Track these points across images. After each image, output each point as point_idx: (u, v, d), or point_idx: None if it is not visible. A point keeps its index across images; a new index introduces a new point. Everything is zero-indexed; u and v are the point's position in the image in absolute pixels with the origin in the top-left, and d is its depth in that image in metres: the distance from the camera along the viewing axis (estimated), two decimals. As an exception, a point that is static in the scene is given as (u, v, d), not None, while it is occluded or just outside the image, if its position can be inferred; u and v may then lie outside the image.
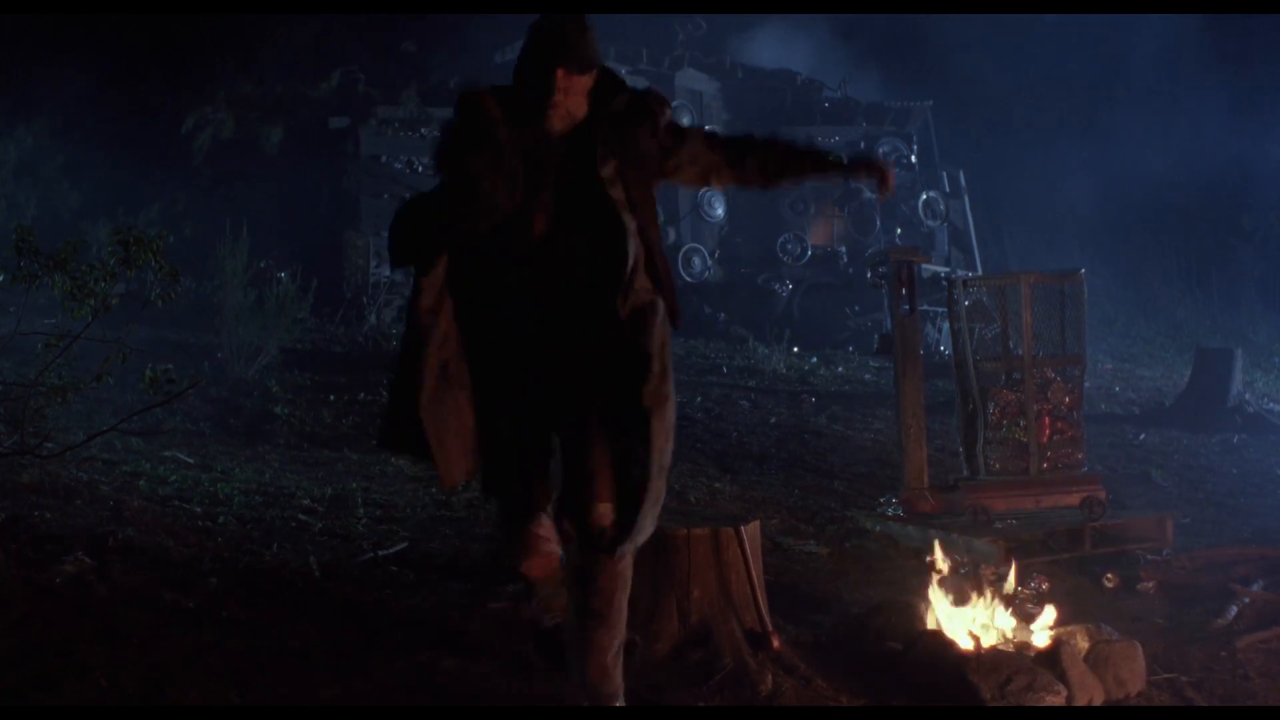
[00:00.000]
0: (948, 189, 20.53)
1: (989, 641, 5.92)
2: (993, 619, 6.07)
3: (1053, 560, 8.04)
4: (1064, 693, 5.34)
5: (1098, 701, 5.45)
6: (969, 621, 6.05)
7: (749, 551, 5.92)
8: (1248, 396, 14.78)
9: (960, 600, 6.17)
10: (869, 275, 9.46)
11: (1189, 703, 5.62)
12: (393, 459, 10.45)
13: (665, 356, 4.61)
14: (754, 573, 5.95)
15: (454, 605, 6.53)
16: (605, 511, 4.61)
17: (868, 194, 20.13)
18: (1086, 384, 9.23)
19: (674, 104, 19.01)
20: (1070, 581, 7.70)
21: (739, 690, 5.39)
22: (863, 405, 14.21)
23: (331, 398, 12.55)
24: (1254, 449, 13.20)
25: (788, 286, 18.77)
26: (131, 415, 9.00)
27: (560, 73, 4.67)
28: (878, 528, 8.67)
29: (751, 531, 5.99)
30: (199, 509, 8.15)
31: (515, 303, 4.67)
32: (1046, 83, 23.45)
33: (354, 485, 9.40)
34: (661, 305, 4.70)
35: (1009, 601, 6.20)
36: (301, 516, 8.33)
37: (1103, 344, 19.03)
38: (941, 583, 6.30)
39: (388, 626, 6.12)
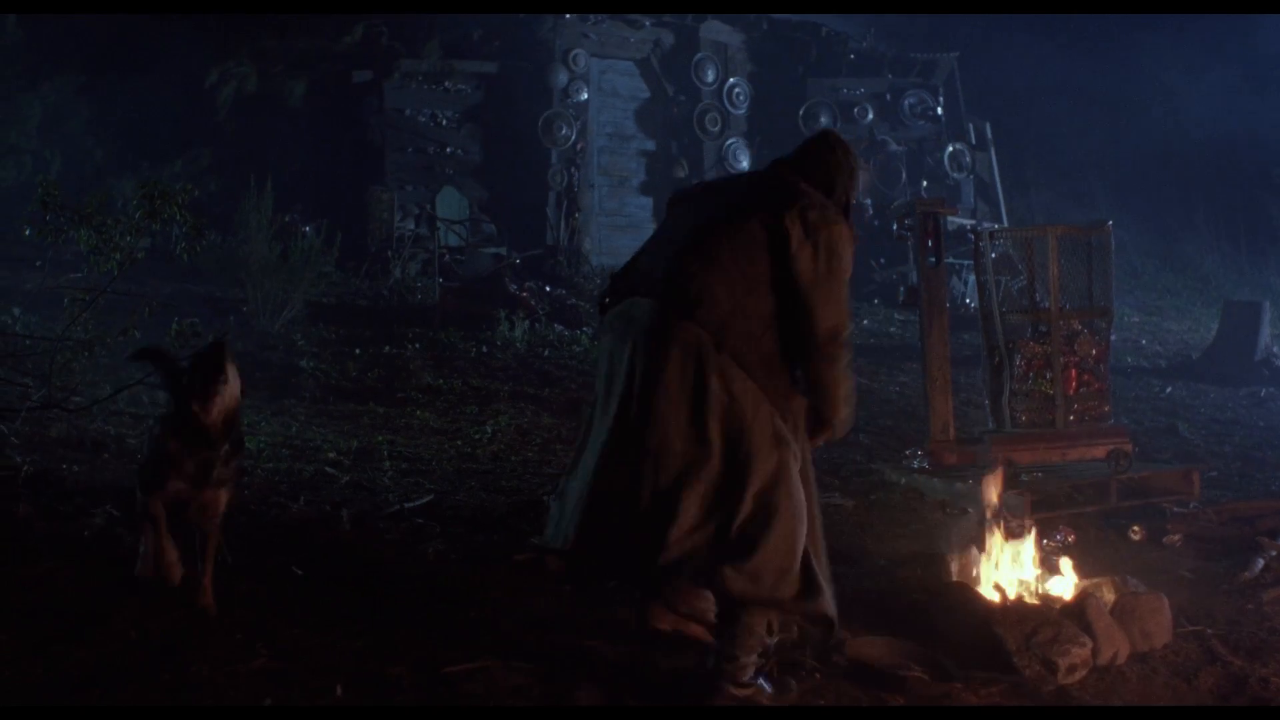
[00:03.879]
0: (974, 141, 20.43)
1: (1015, 594, 5.92)
2: (1019, 571, 6.07)
3: (1079, 513, 8.03)
4: (1090, 645, 5.33)
5: (1123, 654, 5.44)
6: (995, 574, 6.04)
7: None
8: (1276, 349, 14.72)
9: (987, 553, 6.16)
10: (895, 227, 9.41)
11: (1216, 656, 5.61)
12: (418, 412, 10.47)
13: None
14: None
15: (479, 558, 6.55)
16: None
17: (893, 146, 20.06)
18: (1113, 337, 9.19)
19: (699, 56, 19.01)
20: (1096, 534, 7.70)
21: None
22: (888, 358, 14.19)
23: (357, 351, 12.58)
24: (1281, 402, 13.17)
25: (813, 239, 18.69)
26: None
27: None
28: (903, 480, 8.66)
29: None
30: (226, 462, 8.15)
31: None
32: (1074, 35, 23.26)
33: (380, 438, 9.43)
34: None
35: (1035, 554, 6.19)
36: (328, 469, 8.36)
37: (1129, 297, 18.95)
38: (968, 535, 6.29)
39: (414, 579, 6.14)
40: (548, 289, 16.65)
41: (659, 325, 4.76)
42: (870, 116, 20.25)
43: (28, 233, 8.37)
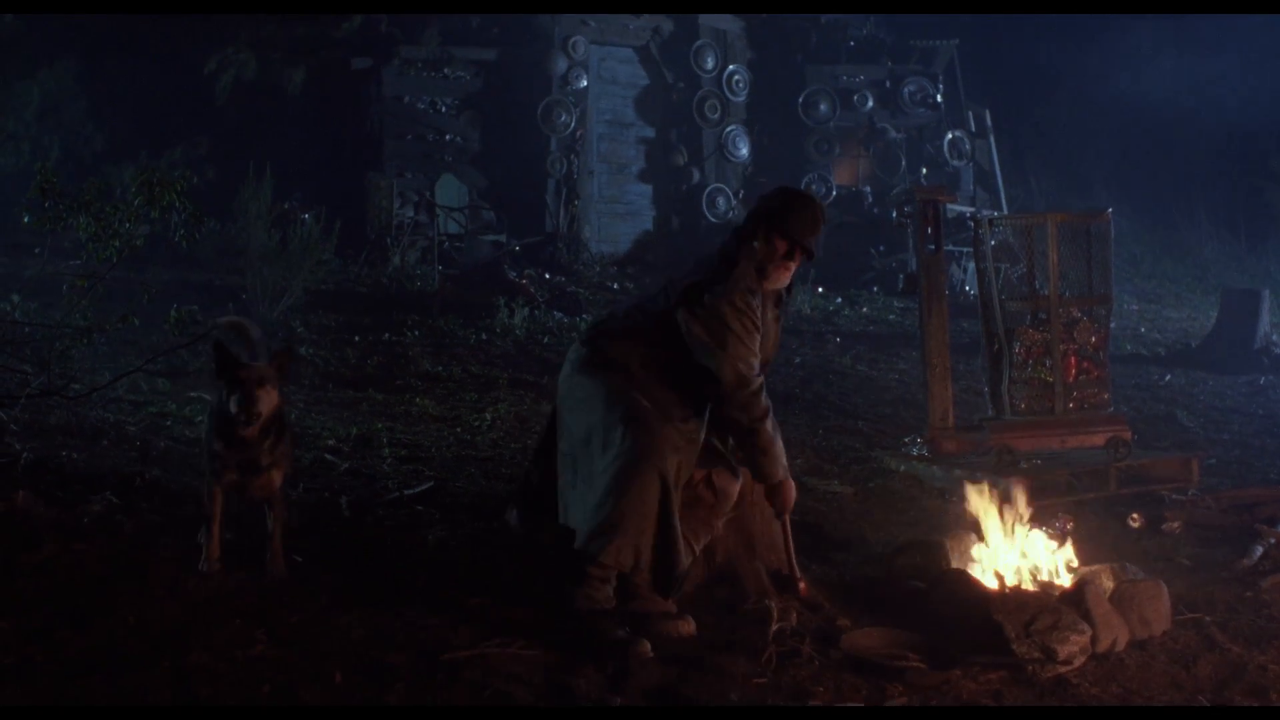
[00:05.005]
0: (973, 129, 20.41)
1: (1014, 581, 5.92)
2: (1018, 558, 6.07)
3: (1078, 500, 8.03)
4: (1089, 632, 5.33)
5: (1122, 641, 5.44)
6: (994, 561, 6.04)
7: (774, 491, 5.92)
8: (1275, 337, 14.71)
9: (985, 540, 6.17)
10: (894, 215, 9.44)
11: (1215, 643, 5.61)
12: (417, 399, 10.48)
13: None
14: (779, 512, 5.96)
15: (479, 545, 6.56)
16: None
17: (892, 134, 20.05)
18: (1112, 324, 9.18)
19: (698, 43, 18.98)
20: (1095, 521, 7.69)
21: (762, 629, 5.39)
22: (887, 345, 14.20)
23: (356, 338, 12.59)
24: (1280, 390, 13.17)
25: (812, 227, 18.64)
26: (157, 356, 9.03)
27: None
28: (902, 468, 8.67)
29: (776, 471, 5.98)
30: (225, 449, 8.15)
31: None
32: (1073, 23, 23.25)
33: (379, 425, 9.43)
34: None
35: (1034, 541, 6.19)
36: (327, 456, 8.36)
37: (1129, 285, 18.96)
38: (966, 522, 6.29)
39: (415, 565, 6.15)
40: (547, 276, 16.66)
41: (573, 354, 5.81)
42: (870, 104, 20.24)
43: (26, 220, 8.35)
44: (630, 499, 5.32)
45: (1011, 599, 5.54)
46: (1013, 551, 6.10)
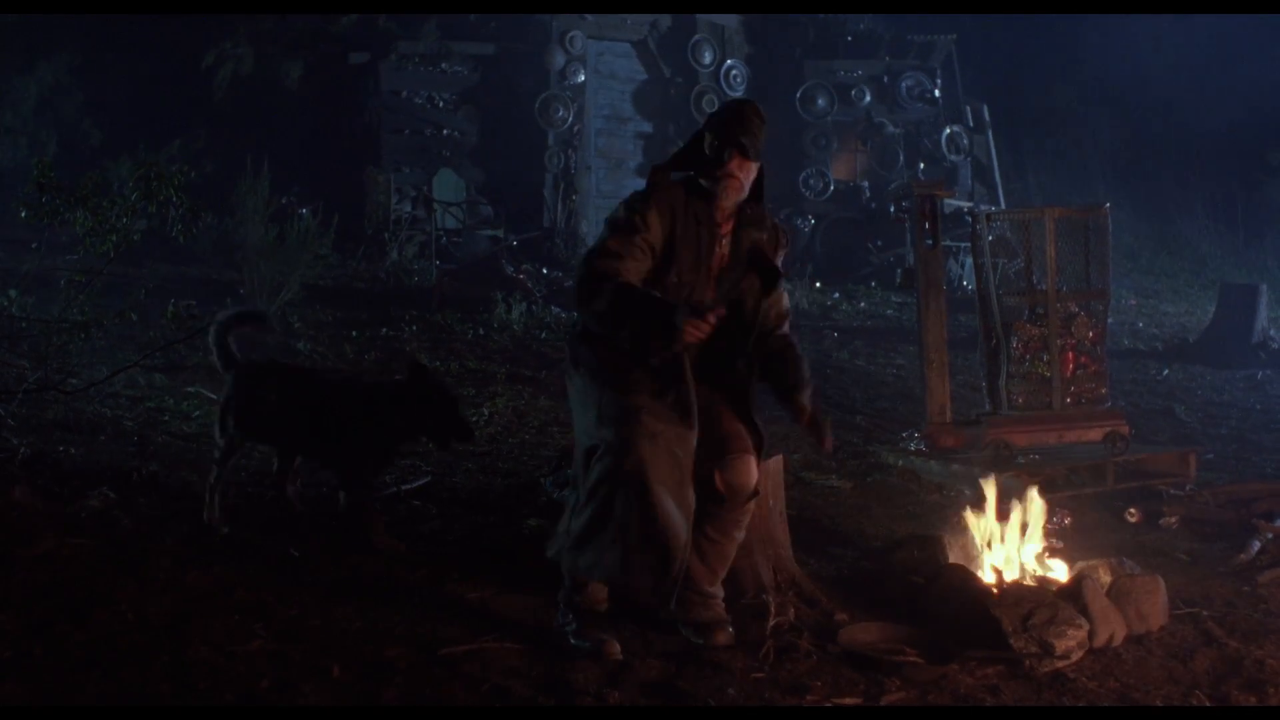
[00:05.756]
0: (971, 123, 20.39)
1: (1011, 576, 5.93)
2: (1015, 553, 6.07)
3: (1075, 495, 8.04)
4: (1086, 627, 5.33)
5: (1120, 635, 5.45)
6: (992, 556, 6.04)
7: (771, 486, 5.92)
8: (1272, 332, 14.71)
9: (983, 535, 6.17)
10: (892, 209, 9.42)
11: (1212, 638, 5.62)
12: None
13: None
14: (776, 507, 5.95)
15: (476, 538, 6.56)
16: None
17: (890, 129, 20.04)
18: (1110, 319, 9.19)
19: (696, 38, 18.98)
20: (1093, 516, 7.70)
21: (761, 624, 5.40)
22: (885, 340, 14.19)
23: (354, 333, 12.58)
24: (1278, 385, 13.15)
25: (810, 221, 18.71)
26: (154, 351, 9.02)
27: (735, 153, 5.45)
28: (900, 462, 8.67)
29: (774, 466, 5.98)
30: (223, 444, 8.14)
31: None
32: (1072, 17, 23.24)
33: (377, 421, 9.41)
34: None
35: (1031, 536, 6.19)
36: (325, 451, 8.34)
37: (1126, 280, 18.95)
38: (964, 517, 6.29)
39: (412, 560, 6.14)
40: (544, 271, 16.65)
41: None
42: (868, 99, 20.23)
43: (24, 214, 8.35)
44: (613, 509, 5.09)
45: (1009, 593, 5.54)
46: (1011, 547, 6.10)
